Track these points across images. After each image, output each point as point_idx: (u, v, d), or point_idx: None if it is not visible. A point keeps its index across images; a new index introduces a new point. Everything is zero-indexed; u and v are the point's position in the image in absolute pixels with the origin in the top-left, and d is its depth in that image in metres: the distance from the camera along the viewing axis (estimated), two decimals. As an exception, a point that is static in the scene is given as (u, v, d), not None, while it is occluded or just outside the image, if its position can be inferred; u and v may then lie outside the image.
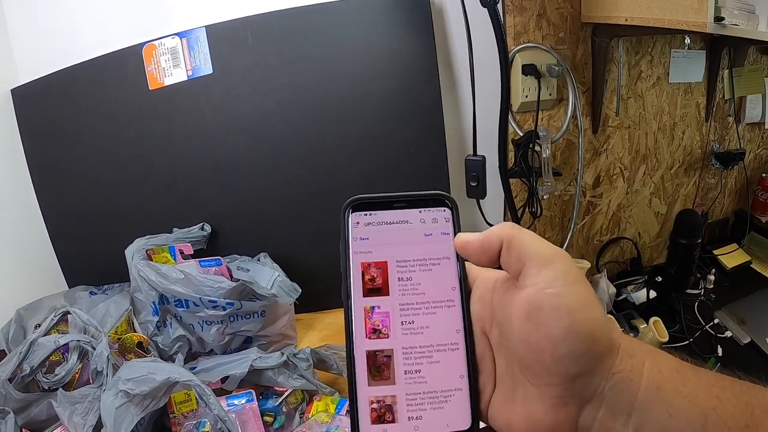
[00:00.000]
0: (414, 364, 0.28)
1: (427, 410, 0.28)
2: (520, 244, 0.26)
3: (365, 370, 0.28)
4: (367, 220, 0.30)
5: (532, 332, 0.24)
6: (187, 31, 0.92)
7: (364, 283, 0.29)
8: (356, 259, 0.30)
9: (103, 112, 0.97)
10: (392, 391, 0.28)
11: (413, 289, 0.29)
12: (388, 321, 0.29)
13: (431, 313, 0.29)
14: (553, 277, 0.25)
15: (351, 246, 0.30)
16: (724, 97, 1.29)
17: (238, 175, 0.96)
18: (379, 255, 0.30)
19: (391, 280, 0.29)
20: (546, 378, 0.24)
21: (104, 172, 1.00)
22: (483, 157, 0.80)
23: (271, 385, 0.79)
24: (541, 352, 0.24)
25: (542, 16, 1.05)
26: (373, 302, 0.29)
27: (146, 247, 0.88)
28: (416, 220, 0.30)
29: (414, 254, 0.30)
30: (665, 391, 0.23)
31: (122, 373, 0.72)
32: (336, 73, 0.92)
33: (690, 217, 1.15)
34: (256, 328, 0.86)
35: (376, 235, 0.30)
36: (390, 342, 0.29)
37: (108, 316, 0.88)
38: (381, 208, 0.31)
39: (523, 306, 0.25)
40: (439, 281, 0.30)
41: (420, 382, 0.28)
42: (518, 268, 0.26)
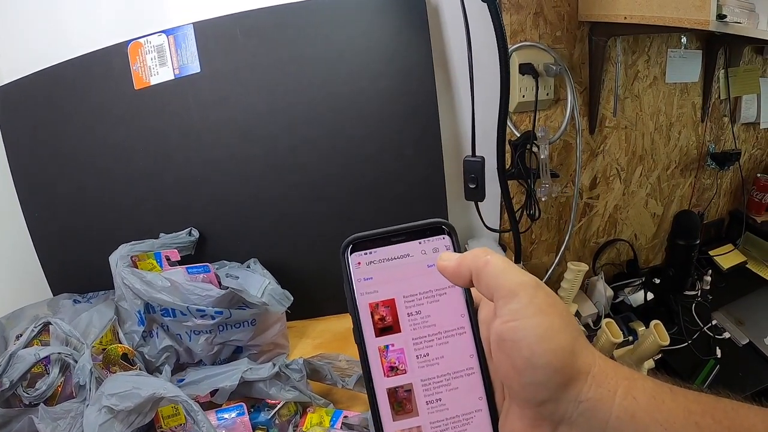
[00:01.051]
0: (434, 393, 0.29)
1: None
2: (487, 276, 0.27)
3: (388, 406, 0.29)
4: (368, 260, 0.30)
5: (503, 361, 0.26)
6: (174, 29, 0.88)
7: (375, 323, 0.29)
8: (363, 300, 0.30)
9: (88, 113, 0.93)
10: (417, 422, 0.29)
11: (423, 321, 0.30)
12: (404, 357, 0.29)
13: (444, 342, 0.29)
14: (515, 309, 0.25)
15: (356, 288, 0.30)
16: (719, 98, 1.28)
17: (228, 178, 0.93)
18: (386, 293, 0.30)
19: (401, 316, 0.30)
20: (520, 401, 0.26)
21: (89, 175, 0.96)
22: (482, 158, 0.78)
23: (262, 397, 0.76)
24: (511, 380, 0.26)
25: (539, 15, 1.03)
26: (387, 341, 0.29)
27: (131, 254, 0.84)
28: (417, 252, 0.30)
29: (420, 287, 0.30)
30: (638, 419, 0.23)
31: (106, 388, 0.69)
32: (329, 72, 0.89)
33: (688, 219, 1.14)
34: (246, 338, 0.82)
35: (379, 273, 0.30)
36: (408, 377, 0.29)
37: (91, 326, 0.84)
38: (380, 245, 0.30)
39: (494, 336, 0.26)
40: (447, 310, 0.30)
41: (442, 410, 0.29)
42: (490, 298, 0.27)
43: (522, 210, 1.01)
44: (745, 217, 1.35)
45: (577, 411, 0.24)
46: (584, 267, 1.06)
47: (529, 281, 0.26)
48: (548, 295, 0.26)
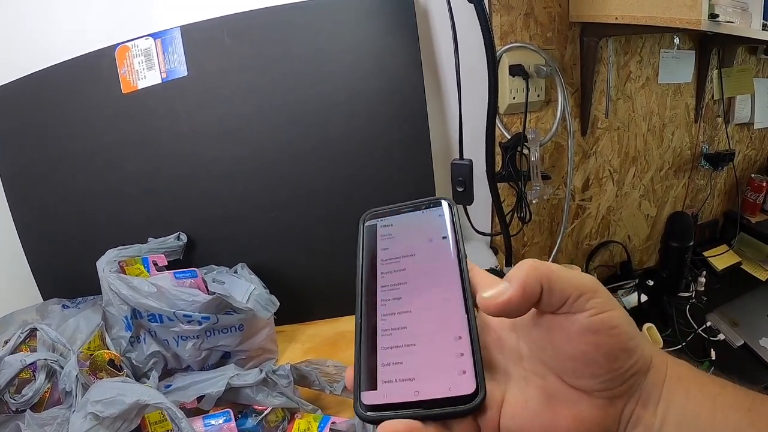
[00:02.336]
0: (414, 337, 0.29)
1: (427, 374, 0.27)
2: (560, 280, 0.27)
3: (367, 337, 0.29)
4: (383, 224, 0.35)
5: (589, 351, 0.26)
6: (161, 32, 0.88)
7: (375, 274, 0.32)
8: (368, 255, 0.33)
9: (76, 117, 0.92)
10: (395, 366, 0.28)
11: (414, 270, 0.32)
12: None
13: (428, 292, 0.30)
14: (602, 302, 0.27)
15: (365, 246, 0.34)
16: (713, 98, 1.28)
17: (216, 182, 0.92)
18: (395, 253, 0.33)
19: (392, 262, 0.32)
20: (601, 386, 0.27)
21: (78, 179, 0.95)
22: (470, 161, 0.77)
23: (249, 403, 0.76)
24: (599, 367, 0.26)
25: (530, 16, 1.02)
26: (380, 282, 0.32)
27: (118, 259, 0.84)
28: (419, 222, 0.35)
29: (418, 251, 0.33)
30: (683, 379, 0.27)
31: (91, 394, 0.68)
32: (316, 74, 0.88)
33: (682, 220, 1.14)
34: (234, 343, 0.82)
35: (390, 236, 0.34)
36: (395, 317, 0.30)
37: (78, 332, 0.84)
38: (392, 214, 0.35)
39: (576, 329, 0.26)
40: (437, 264, 0.31)
41: (421, 354, 0.28)
42: (560, 303, 0.27)
43: (513, 213, 1.01)
44: (740, 218, 1.35)
45: (646, 380, 0.27)
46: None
47: (594, 278, 0.29)
48: None
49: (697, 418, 0.26)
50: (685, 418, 0.26)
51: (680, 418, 0.26)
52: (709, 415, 0.26)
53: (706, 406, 0.26)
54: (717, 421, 0.25)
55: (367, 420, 0.26)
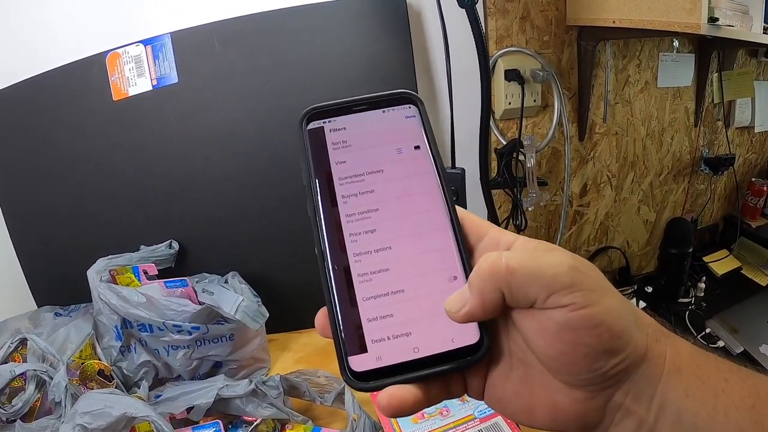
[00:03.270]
0: (404, 282, 0.24)
1: (423, 325, 0.23)
2: (523, 283, 0.23)
3: (344, 290, 0.24)
4: (331, 126, 0.28)
5: (566, 351, 0.23)
6: (152, 39, 0.87)
7: (335, 198, 0.26)
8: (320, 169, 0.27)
9: (67, 124, 0.92)
10: (385, 321, 0.23)
11: (392, 200, 0.26)
12: None
13: (417, 230, 0.25)
14: (581, 296, 0.23)
15: (312, 158, 0.27)
16: (713, 102, 1.26)
17: (207, 189, 0.91)
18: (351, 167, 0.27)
19: (365, 189, 0.26)
20: (577, 383, 0.24)
21: (70, 186, 0.95)
22: (462, 170, 0.76)
23: (239, 414, 0.75)
24: (578, 369, 0.24)
25: (526, 19, 1.01)
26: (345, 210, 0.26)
27: (108, 268, 0.83)
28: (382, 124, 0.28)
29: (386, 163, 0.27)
30: (684, 373, 0.24)
31: (80, 406, 0.68)
32: (308, 80, 0.87)
33: (681, 226, 1.12)
34: (225, 353, 0.81)
35: (344, 145, 0.27)
36: (374, 258, 0.24)
37: (68, 341, 0.83)
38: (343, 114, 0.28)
39: (551, 327, 0.23)
40: (421, 195, 0.26)
41: (415, 303, 0.24)
42: (529, 304, 0.24)
43: (508, 220, 1.00)
44: (740, 222, 1.33)
45: (638, 372, 0.24)
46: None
47: (574, 263, 0.24)
48: (601, 273, 0.25)
49: (696, 417, 0.24)
50: (683, 416, 0.24)
51: (677, 416, 0.24)
52: (710, 413, 0.24)
53: (707, 404, 0.24)
54: (717, 420, 0.23)
55: (360, 389, 0.22)
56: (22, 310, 0.95)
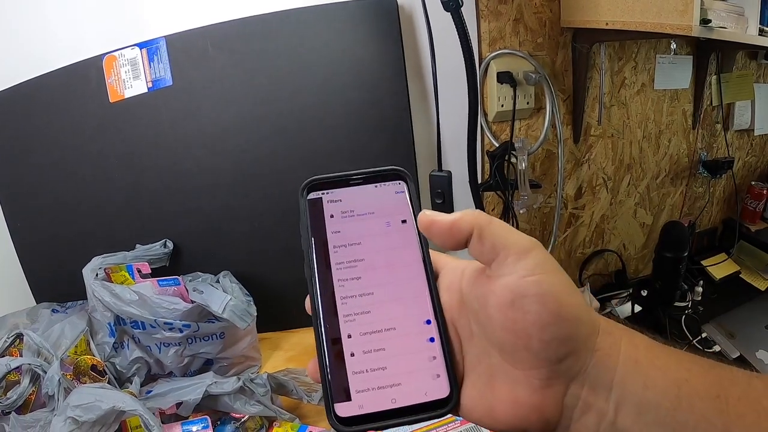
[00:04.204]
0: (387, 343, 0.27)
1: (402, 380, 0.27)
2: (493, 233, 0.26)
3: (332, 347, 0.27)
4: (329, 199, 0.31)
5: (518, 320, 0.25)
6: (147, 42, 0.89)
7: (329, 263, 0.29)
8: (318, 237, 0.30)
9: (66, 125, 0.94)
10: (368, 375, 0.27)
11: (378, 266, 0.29)
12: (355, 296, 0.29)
13: (399, 294, 0.28)
14: (533, 264, 0.25)
15: (311, 227, 0.30)
16: (711, 104, 1.25)
17: (200, 190, 0.93)
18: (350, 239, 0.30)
19: (357, 256, 0.29)
20: (533, 362, 0.25)
21: (68, 186, 0.97)
22: (448, 173, 0.77)
23: (227, 411, 0.76)
24: (528, 338, 0.25)
25: (519, 21, 1.01)
26: (339, 276, 0.29)
27: (103, 266, 0.85)
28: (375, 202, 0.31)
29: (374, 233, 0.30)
30: (641, 364, 0.25)
31: (71, 399, 0.70)
32: (299, 84, 0.89)
33: (676, 230, 1.11)
34: (215, 350, 0.83)
35: (338, 217, 0.30)
36: (360, 321, 0.28)
37: (63, 337, 0.85)
38: (338, 186, 0.31)
39: (504, 294, 0.25)
40: (403, 258, 0.29)
41: (395, 361, 0.27)
42: (491, 257, 0.26)
43: (499, 221, 1.00)
44: (739, 226, 1.32)
45: (591, 362, 0.25)
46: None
47: (536, 240, 0.26)
48: (553, 258, 0.26)
49: (658, 408, 0.24)
50: (644, 407, 0.24)
51: (638, 408, 0.24)
52: (672, 404, 0.24)
53: (669, 394, 0.24)
54: (681, 411, 0.23)
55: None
56: (20, 307, 0.97)
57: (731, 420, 0.23)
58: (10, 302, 1.01)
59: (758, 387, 0.24)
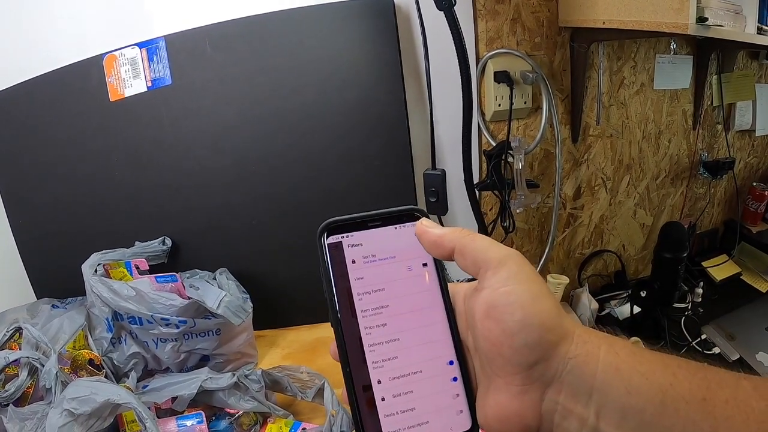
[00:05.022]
0: (412, 385, 0.29)
1: (429, 419, 0.29)
2: (473, 250, 0.29)
3: (362, 393, 0.29)
4: (350, 242, 0.31)
5: (492, 328, 0.27)
6: (147, 41, 0.90)
7: (353, 310, 0.30)
8: (341, 284, 0.30)
9: (67, 123, 0.95)
10: (396, 417, 0.29)
11: (400, 311, 0.30)
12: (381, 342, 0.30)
13: (422, 336, 0.30)
14: (505, 277, 0.27)
15: (333, 272, 0.30)
16: (712, 104, 1.24)
17: (199, 188, 0.94)
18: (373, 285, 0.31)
19: (378, 304, 0.30)
20: (508, 368, 0.26)
21: (69, 185, 0.98)
22: (442, 171, 0.77)
23: (222, 406, 0.77)
24: (501, 346, 0.26)
25: (517, 21, 1.02)
26: (364, 324, 0.30)
27: (102, 262, 0.86)
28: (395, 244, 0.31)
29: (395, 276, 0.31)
30: (622, 371, 0.25)
31: (68, 392, 0.71)
32: (298, 83, 0.89)
33: (675, 230, 1.11)
34: (211, 347, 0.83)
35: (359, 261, 0.31)
36: (387, 367, 0.29)
37: (62, 332, 0.86)
38: (357, 229, 0.31)
39: (482, 306, 0.27)
40: (423, 300, 0.31)
41: (422, 401, 0.29)
42: (474, 270, 0.29)
43: (496, 222, 1.00)
44: (740, 227, 1.31)
45: (566, 369, 0.26)
46: (564, 280, 1.04)
47: (514, 253, 0.28)
48: (531, 267, 0.28)
49: (642, 414, 0.24)
50: (627, 413, 0.24)
51: (621, 413, 0.24)
52: (657, 409, 0.24)
53: (654, 400, 0.24)
54: (666, 415, 0.23)
55: None
56: (21, 302, 0.99)
57: (718, 422, 0.23)
58: (10, 297, 1.02)
59: (746, 388, 0.23)
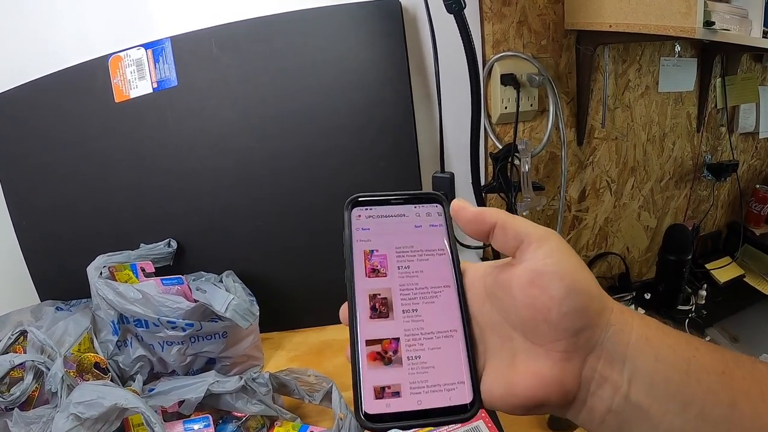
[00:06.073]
0: (415, 348, 0.29)
1: (430, 393, 0.28)
2: (515, 226, 0.30)
3: (365, 347, 0.29)
4: (367, 214, 0.33)
5: (537, 296, 0.27)
6: (153, 42, 0.89)
7: (366, 269, 0.31)
8: (358, 246, 0.32)
9: (72, 124, 0.94)
10: (397, 376, 0.28)
11: (411, 274, 0.31)
12: (390, 302, 0.30)
13: (429, 300, 0.31)
14: (550, 249, 0.28)
15: (353, 235, 0.32)
16: (716, 107, 1.25)
17: (204, 190, 0.93)
18: (379, 243, 0.32)
19: (390, 266, 0.32)
20: (553, 335, 0.27)
21: (73, 184, 0.97)
22: (451, 174, 0.77)
23: (229, 410, 0.77)
24: (548, 311, 0.27)
25: (523, 23, 1.02)
26: (375, 285, 0.31)
27: (107, 264, 0.85)
28: (412, 214, 0.33)
29: (411, 243, 0.32)
30: (652, 340, 0.27)
31: (74, 396, 0.70)
32: (303, 84, 0.89)
33: (679, 233, 1.11)
34: (218, 350, 0.83)
35: (375, 226, 0.33)
36: (393, 325, 0.30)
37: (67, 334, 0.85)
38: (379, 204, 0.33)
39: (526, 274, 0.28)
40: (434, 269, 0.32)
41: (423, 365, 0.29)
42: (515, 245, 0.29)
43: (502, 223, 1.00)
44: (743, 229, 1.31)
45: (606, 336, 0.27)
46: None
47: (554, 232, 0.30)
48: (568, 245, 0.30)
49: (668, 381, 0.25)
50: (655, 380, 0.26)
51: (650, 380, 0.26)
52: (682, 378, 0.25)
53: (679, 369, 0.26)
54: (690, 384, 0.25)
55: (369, 428, 0.27)
56: (25, 304, 0.98)
57: (737, 394, 0.25)
58: (14, 299, 1.02)
59: (762, 370, 0.26)
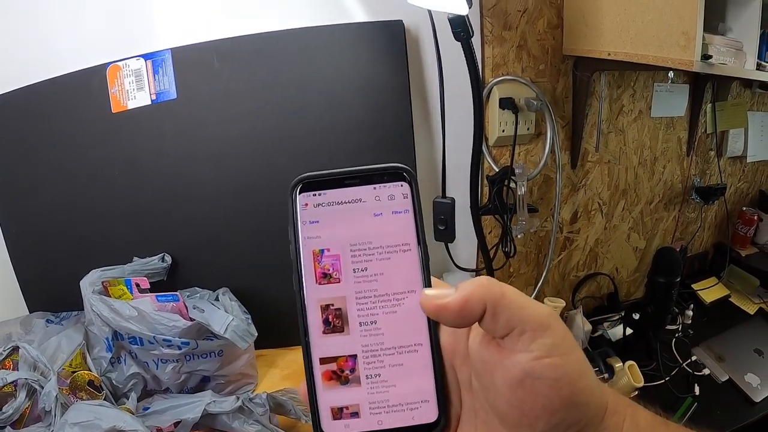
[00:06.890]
0: (375, 367, 0.26)
1: (391, 413, 0.26)
2: (508, 308, 0.24)
3: (319, 366, 0.26)
4: (316, 201, 0.28)
5: (526, 401, 0.24)
6: (153, 53, 0.89)
7: (316, 273, 0.27)
8: (306, 245, 0.27)
9: (66, 133, 0.93)
10: (355, 396, 0.26)
11: (369, 279, 0.27)
12: (344, 313, 0.27)
13: (391, 309, 0.27)
14: (551, 345, 0.24)
15: (300, 231, 0.27)
16: (706, 131, 1.28)
17: (201, 205, 0.93)
18: (331, 241, 0.27)
19: (344, 269, 0.27)
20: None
21: (65, 195, 0.96)
22: (452, 200, 0.77)
23: (226, 430, 0.76)
24: (536, 419, 0.24)
25: (522, 48, 1.03)
26: (327, 293, 0.27)
27: (101, 279, 0.84)
28: (371, 198, 0.27)
29: (370, 238, 0.27)
30: None
31: (69, 417, 0.69)
32: (303, 101, 0.89)
33: (669, 255, 1.13)
34: (213, 368, 0.82)
35: (327, 217, 0.27)
36: (349, 340, 0.26)
37: (60, 351, 0.84)
38: (332, 187, 0.28)
39: (516, 372, 0.24)
40: (397, 271, 0.27)
41: (384, 383, 0.26)
42: (505, 332, 0.24)
43: (497, 247, 1.01)
44: (729, 251, 1.35)
45: None
46: (561, 303, 1.05)
47: (553, 313, 0.25)
48: (569, 332, 0.25)
49: None
50: None
51: None
52: None
53: None
54: None
55: None
56: (12, 315, 0.96)
57: None
58: (2, 310, 0.99)
59: None
